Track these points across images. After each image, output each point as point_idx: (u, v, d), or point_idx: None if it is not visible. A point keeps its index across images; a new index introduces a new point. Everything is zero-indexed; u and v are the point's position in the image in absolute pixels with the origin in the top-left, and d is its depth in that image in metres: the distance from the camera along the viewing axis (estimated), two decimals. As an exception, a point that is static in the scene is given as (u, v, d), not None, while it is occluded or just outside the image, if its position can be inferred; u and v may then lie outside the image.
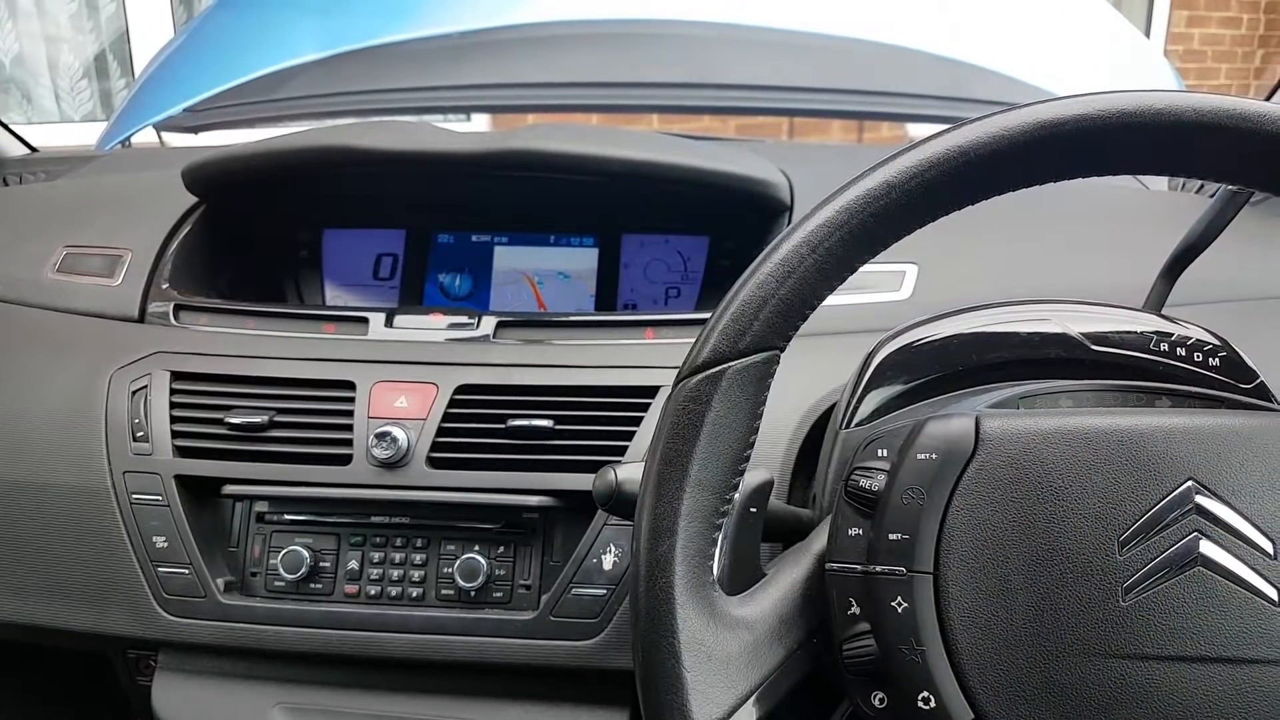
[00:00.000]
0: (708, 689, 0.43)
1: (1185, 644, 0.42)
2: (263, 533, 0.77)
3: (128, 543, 0.75)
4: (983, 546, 0.44)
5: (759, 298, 0.43)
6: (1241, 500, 0.43)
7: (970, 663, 0.43)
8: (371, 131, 0.89)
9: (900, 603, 0.44)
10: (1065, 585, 0.43)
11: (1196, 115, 0.41)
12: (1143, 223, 0.89)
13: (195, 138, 1.37)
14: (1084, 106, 0.41)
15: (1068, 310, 0.63)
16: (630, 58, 1.36)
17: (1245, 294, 0.79)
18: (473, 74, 1.34)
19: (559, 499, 0.73)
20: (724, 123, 2.98)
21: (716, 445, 0.43)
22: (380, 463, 0.73)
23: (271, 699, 0.76)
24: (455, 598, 0.74)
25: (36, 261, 0.90)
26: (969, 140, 0.41)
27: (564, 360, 0.77)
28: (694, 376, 0.43)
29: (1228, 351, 0.61)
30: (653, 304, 0.98)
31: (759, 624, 0.46)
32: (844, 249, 0.43)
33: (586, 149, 0.85)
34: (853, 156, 1.25)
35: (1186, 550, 0.42)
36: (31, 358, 0.83)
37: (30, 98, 2.93)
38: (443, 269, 1.00)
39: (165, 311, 0.85)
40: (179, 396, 0.78)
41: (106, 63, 2.98)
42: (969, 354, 0.61)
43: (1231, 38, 4.29)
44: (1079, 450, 0.44)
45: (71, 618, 0.76)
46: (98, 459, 0.76)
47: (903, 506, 0.45)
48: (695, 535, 0.44)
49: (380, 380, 0.77)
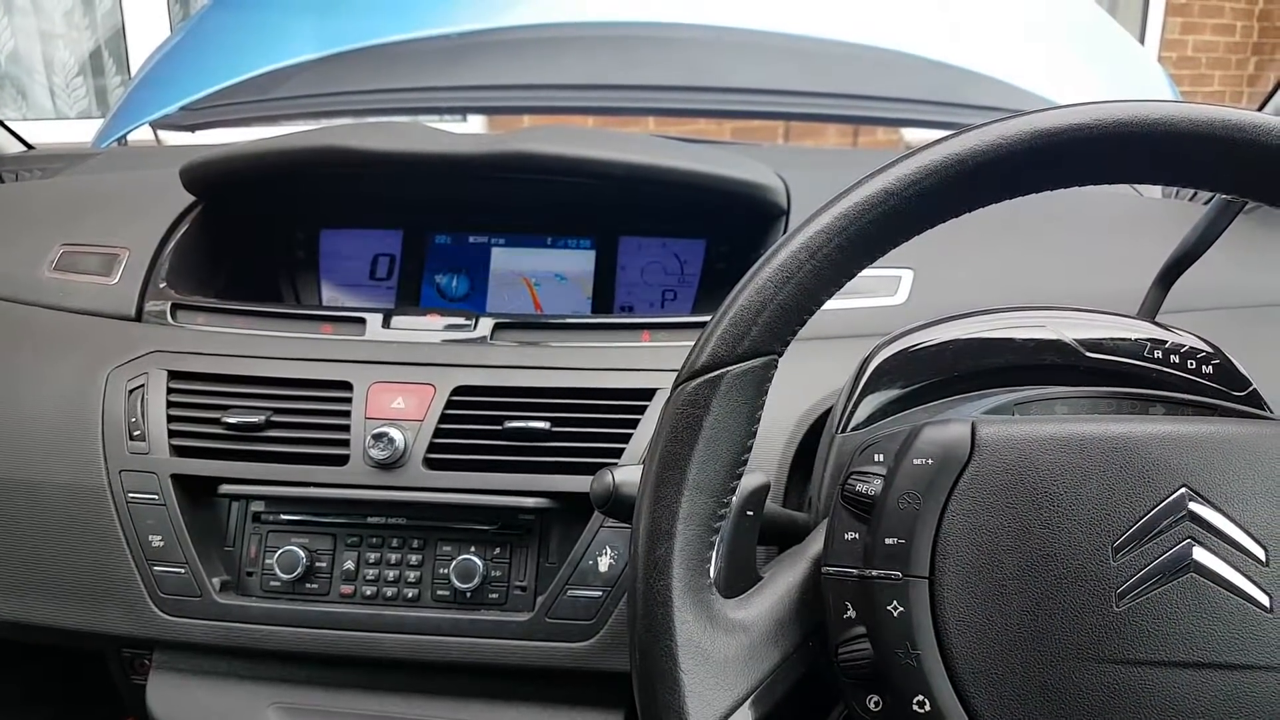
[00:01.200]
0: (704, 691, 0.43)
1: (1178, 649, 0.42)
2: (259, 532, 0.77)
3: (124, 541, 0.75)
4: (978, 552, 0.44)
5: (757, 303, 0.43)
6: (1234, 507, 0.43)
7: (965, 667, 0.43)
8: (369, 132, 0.89)
9: (896, 607, 0.44)
10: (1059, 591, 0.43)
11: (1192, 126, 0.41)
12: (1137, 230, 0.89)
13: (192, 136, 1.37)
14: (1081, 116, 0.41)
15: (1063, 317, 0.63)
16: (626, 60, 1.36)
17: (1239, 302, 0.80)
18: (469, 75, 1.34)
19: (555, 500, 0.73)
20: (720, 126, 2.98)
21: (714, 449, 0.44)
22: (377, 463, 0.73)
23: (266, 699, 0.76)
24: (451, 599, 0.74)
25: (33, 259, 0.90)
26: (967, 148, 0.42)
27: (561, 362, 0.78)
28: (692, 380, 0.43)
29: (1221, 359, 0.61)
30: (649, 306, 0.98)
31: (755, 627, 0.46)
32: (842, 255, 0.43)
33: (584, 152, 0.85)
34: (849, 161, 1.26)
35: (1180, 556, 0.43)
36: (28, 356, 0.83)
37: (25, 94, 2.92)
38: (440, 270, 1.00)
39: (162, 310, 0.85)
40: (176, 396, 0.78)
41: (102, 60, 2.97)
42: (964, 360, 0.62)
43: (1225, 44, 4.31)
44: (1073, 457, 0.44)
45: (67, 616, 0.76)
46: (94, 458, 0.76)
47: (899, 511, 0.45)
48: (693, 538, 0.44)
49: (377, 381, 0.77)
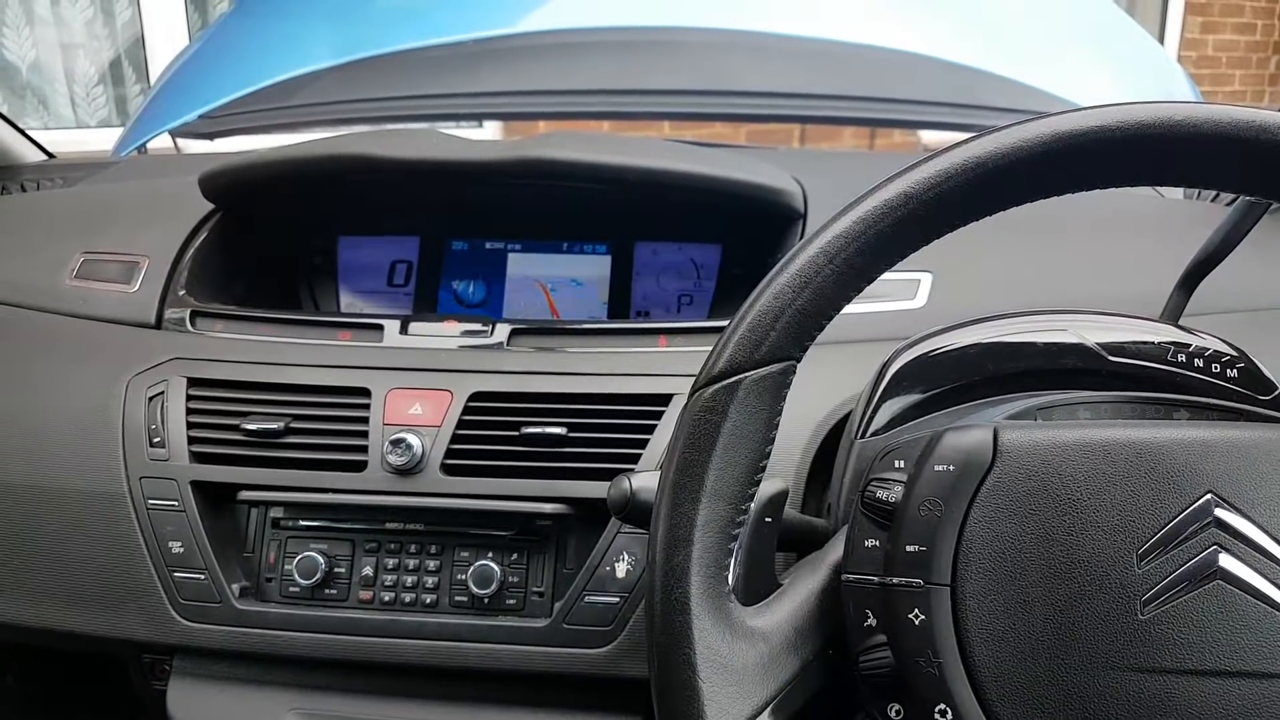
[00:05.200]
0: (723, 700, 0.43)
1: (1203, 658, 0.42)
2: (278, 538, 0.77)
3: (144, 548, 0.75)
4: (1001, 559, 0.44)
5: (776, 308, 0.43)
6: (1261, 513, 0.43)
7: (987, 675, 0.43)
8: (386, 140, 0.89)
9: (917, 615, 0.44)
10: (1083, 598, 0.43)
11: (1215, 127, 0.41)
12: (1160, 232, 0.88)
13: (211, 144, 1.38)
14: (1102, 118, 0.41)
15: (1084, 320, 0.63)
16: (642, 65, 1.36)
17: (1264, 304, 0.79)
18: (485, 81, 1.34)
19: (572, 506, 0.73)
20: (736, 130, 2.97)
21: (732, 455, 0.43)
22: (395, 469, 0.74)
23: (285, 704, 0.77)
24: (469, 604, 0.74)
25: (54, 268, 0.91)
26: (987, 152, 0.41)
27: (577, 368, 0.78)
28: (710, 386, 0.43)
29: (1246, 363, 0.60)
30: (665, 311, 0.98)
31: (774, 635, 0.46)
32: (861, 260, 0.43)
33: (600, 158, 0.85)
34: (865, 164, 1.26)
35: (1205, 564, 0.42)
36: (49, 363, 0.83)
37: (47, 104, 2.95)
38: (457, 276, 1.00)
39: (182, 318, 0.86)
40: (195, 403, 0.78)
41: (122, 69, 3.00)
42: (985, 364, 0.61)
43: (1246, 44, 4.27)
44: (1097, 463, 0.44)
45: (87, 622, 0.76)
46: (114, 464, 0.77)
47: (920, 518, 0.45)
48: (711, 545, 0.44)
49: (395, 387, 0.77)
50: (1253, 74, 4.32)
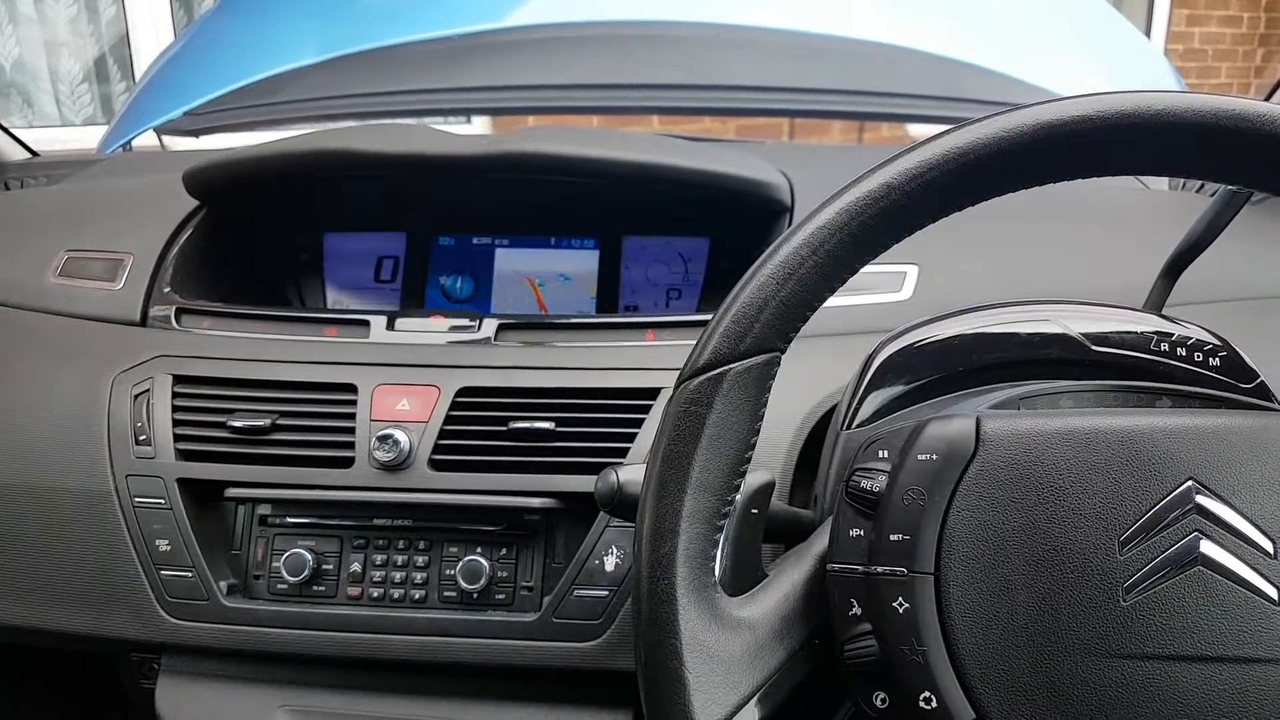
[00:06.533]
0: (710, 689, 0.43)
1: (1186, 643, 0.42)
2: (265, 535, 0.77)
3: (130, 546, 0.75)
4: (984, 547, 0.44)
5: (760, 300, 0.43)
6: (1242, 500, 0.43)
7: (971, 663, 0.43)
8: (372, 135, 0.89)
9: (901, 603, 0.44)
10: (1066, 585, 0.43)
11: (1197, 116, 0.41)
12: (1143, 222, 0.89)
13: (196, 141, 1.37)
14: (1085, 108, 0.41)
15: (1068, 310, 0.63)
16: (630, 59, 1.36)
17: (1246, 294, 0.79)
18: (473, 76, 1.34)
19: (561, 501, 0.73)
20: (724, 124, 2.98)
21: (718, 447, 0.43)
22: (382, 465, 0.73)
23: (275, 701, 0.77)
24: (458, 599, 0.74)
25: (38, 266, 0.91)
26: (969, 142, 0.42)
27: (565, 362, 0.78)
28: (695, 378, 0.43)
29: (1228, 351, 0.61)
30: (654, 306, 0.98)
31: (761, 625, 0.46)
32: (845, 251, 0.43)
33: (587, 151, 0.85)
34: (853, 157, 1.26)
35: (1187, 550, 0.42)
36: (33, 362, 0.83)
37: (31, 102, 2.94)
38: (444, 271, 1.00)
39: (167, 315, 0.85)
40: (181, 400, 0.78)
41: (107, 66, 2.98)
42: (969, 355, 0.61)
43: (1232, 36, 4.29)
44: (1079, 451, 0.44)
45: (74, 621, 0.76)
46: (100, 463, 0.76)
47: (904, 507, 0.45)
48: (697, 537, 0.44)
49: (382, 383, 0.77)
50: (1239, 67, 4.34)
